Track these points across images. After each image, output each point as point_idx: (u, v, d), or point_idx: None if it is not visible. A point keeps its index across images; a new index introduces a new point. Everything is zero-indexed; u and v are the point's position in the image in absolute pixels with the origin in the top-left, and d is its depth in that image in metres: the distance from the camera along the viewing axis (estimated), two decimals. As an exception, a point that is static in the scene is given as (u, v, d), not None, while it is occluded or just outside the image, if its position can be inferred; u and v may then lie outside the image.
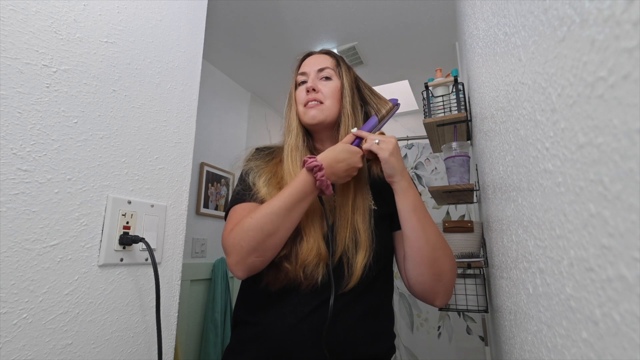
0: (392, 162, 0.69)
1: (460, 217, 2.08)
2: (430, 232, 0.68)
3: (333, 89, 0.79)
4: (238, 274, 0.66)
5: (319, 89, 0.78)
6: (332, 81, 0.80)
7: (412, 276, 0.70)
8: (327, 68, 0.81)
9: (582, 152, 0.17)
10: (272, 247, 0.65)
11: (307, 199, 0.66)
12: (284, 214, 0.64)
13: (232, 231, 0.66)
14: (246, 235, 0.64)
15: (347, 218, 0.71)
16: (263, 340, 0.67)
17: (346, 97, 0.79)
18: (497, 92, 0.44)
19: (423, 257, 0.67)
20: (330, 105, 0.78)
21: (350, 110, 0.78)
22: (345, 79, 0.80)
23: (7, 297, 0.50)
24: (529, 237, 0.30)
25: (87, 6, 0.64)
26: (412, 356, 2.01)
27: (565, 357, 0.21)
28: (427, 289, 0.70)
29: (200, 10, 0.93)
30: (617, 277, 0.14)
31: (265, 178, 0.76)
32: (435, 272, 0.68)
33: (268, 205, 0.65)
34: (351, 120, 0.78)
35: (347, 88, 0.79)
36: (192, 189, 2.11)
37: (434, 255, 0.67)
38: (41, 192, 0.55)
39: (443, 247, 0.69)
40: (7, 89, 0.51)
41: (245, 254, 0.64)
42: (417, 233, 0.67)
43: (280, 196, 0.65)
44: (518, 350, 0.40)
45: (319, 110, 0.77)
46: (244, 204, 0.73)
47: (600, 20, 0.15)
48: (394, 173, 0.69)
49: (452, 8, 1.78)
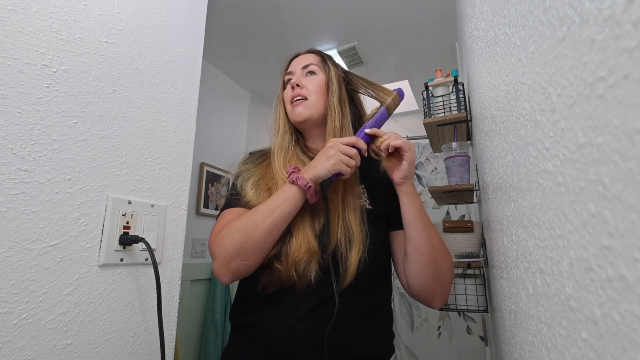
0: (413, 165, 0.70)
1: (460, 217, 2.08)
2: (432, 236, 0.70)
3: (317, 83, 0.79)
4: (223, 279, 0.66)
5: (303, 85, 0.78)
6: (317, 76, 0.80)
7: (412, 278, 0.71)
8: (312, 64, 0.81)
9: (582, 152, 0.17)
10: (256, 252, 0.64)
11: (289, 200, 0.66)
12: (266, 214, 0.64)
13: (218, 234, 0.67)
14: (231, 237, 0.64)
15: (338, 214, 0.71)
16: (261, 342, 0.67)
17: (332, 91, 0.78)
18: (497, 92, 0.44)
19: (425, 259, 0.69)
20: (315, 100, 0.77)
21: (336, 104, 0.77)
22: (331, 73, 0.80)
23: (7, 297, 0.50)
24: (529, 237, 0.30)
25: (87, 6, 0.64)
26: (412, 356, 2.01)
27: (565, 357, 0.21)
28: (427, 291, 0.71)
29: (200, 10, 0.93)
30: (617, 277, 0.14)
31: (253, 181, 0.76)
32: (435, 274, 0.69)
33: (253, 209, 0.66)
34: (338, 114, 0.77)
35: (334, 82, 0.79)
36: (192, 189, 2.11)
37: (435, 258, 0.69)
38: (41, 192, 0.55)
39: (443, 250, 0.71)
40: (7, 89, 0.51)
41: (230, 257, 0.64)
42: (421, 236, 0.69)
43: (266, 201, 0.67)
44: (518, 350, 0.40)
45: (305, 107, 0.77)
46: (232, 209, 0.74)
47: (600, 20, 0.15)
48: (409, 175, 0.70)
49: (452, 8, 1.78)
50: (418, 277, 0.70)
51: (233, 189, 0.77)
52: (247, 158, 0.83)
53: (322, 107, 0.78)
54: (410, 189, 0.70)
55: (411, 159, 0.68)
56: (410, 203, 0.70)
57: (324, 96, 0.79)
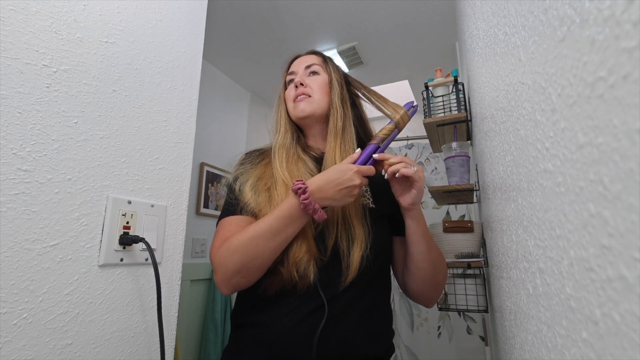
0: (422, 193, 0.69)
1: (460, 217, 2.08)
2: (433, 253, 0.73)
3: (321, 82, 0.80)
4: (223, 291, 0.67)
5: (307, 84, 0.79)
6: (320, 75, 0.81)
7: (412, 287, 0.76)
8: (314, 64, 0.82)
9: (582, 152, 0.17)
10: (257, 270, 0.65)
11: (295, 223, 0.64)
12: (269, 237, 0.63)
13: (219, 250, 0.67)
14: (231, 257, 0.64)
15: (339, 212, 0.71)
16: (261, 342, 0.67)
17: (335, 90, 0.79)
18: (497, 92, 0.44)
19: (425, 274, 0.73)
20: (319, 98, 0.78)
21: (338, 103, 0.78)
22: (333, 74, 0.81)
23: (7, 297, 0.50)
24: (529, 237, 0.30)
25: (87, 6, 0.64)
26: (412, 356, 2.01)
27: (565, 357, 0.21)
28: (424, 297, 0.77)
29: (200, 10, 0.93)
30: (617, 277, 0.14)
31: (251, 182, 0.75)
32: (433, 284, 0.75)
33: (255, 228, 0.64)
34: (340, 114, 0.77)
35: (335, 82, 0.80)
36: (192, 189, 2.11)
37: (434, 273, 0.73)
38: (41, 192, 0.55)
39: (441, 263, 0.76)
40: (7, 89, 0.51)
41: (230, 275, 0.64)
42: (425, 257, 0.71)
43: (267, 219, 0.64)
44: (518, 350, 0.40)
45: (308, 103, 0.78)
46: (231, 217, 0.73)
47: (600, 20, 0.15)
48: (418, 202, 0.70)
49: (452, 8, 1.78)
50: (417, 288, 0.75)
51: (231, 192, 0.77)
52: (243, 159, 0.83)
53: (325, 105, 0.79)
54: (418, 214, 0.71)
55: (421, 188, 0.68)
56: (416, 226, 0.71)
57: (327, 95, 0.80)
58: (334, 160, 0.73)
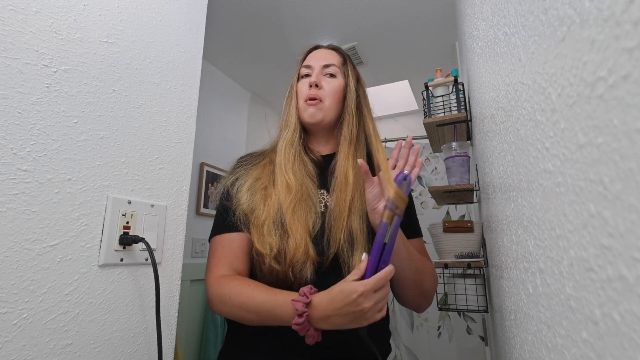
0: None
1: (460, 217, 2.08)
2: (414, 259, 0.71)
3: (336, 87, 0.78)
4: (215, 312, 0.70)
5: (322, 86, 0.77)
6: (337, 79, 0.78)
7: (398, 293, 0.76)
8: (333, 65, 0.79)
9: (582, 152, 0.17)
10: (247, 322, 0.65)
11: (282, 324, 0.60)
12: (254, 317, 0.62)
13: (212, 286, 0.68)
14: (223, 306, 0.66)
15: (343, 219, 0.69)
16: (257, 344, 0.67)
17: (350, 96, 0.78)
18: (497, 92, 0.44)
19: (409, 282, 0.71)
20: (329, 105, 0.77)
21: (354, 110, 0.77)
22: (350, 78, 0.79)
23: (7, 297, 0.50)
24: (529, 237, 0.30)
25: (87, 6, 0.64)
26: (412, 356, 2.01)
27: (565, 357, 0.21)
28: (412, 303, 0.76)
29: (200, 10, 0.93)
30: (617, 277, 0.14)
31: (249, 184, 0.75)
32: (419, 291, 0.73)
33: (247, 298, 0.62)
34: (355, 122, 0.76)
35: (352, 87, 0.78)
36: (192, 189, 2.11)
37: (419, 279, 0.72)
38: (41, 192, 0.55)
39: (427, 270, 0.74)
40: (7, 89, 0.51)
41: (222, 313, 0.67)
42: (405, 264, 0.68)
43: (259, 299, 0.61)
44: (518, 350, 0.40)
45: (318, 109, 0.76)
46: (223, 235, 0.73)
47: (600, 20, 0.15)
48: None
49: (452, 8, 1.78)
50: (402, 294, 0.75)
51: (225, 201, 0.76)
52: (236, 165, 0.82)
53: (336, 113, 0.77)
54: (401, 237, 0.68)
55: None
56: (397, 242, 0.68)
57: (339, 102, 0.78)
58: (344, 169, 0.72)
